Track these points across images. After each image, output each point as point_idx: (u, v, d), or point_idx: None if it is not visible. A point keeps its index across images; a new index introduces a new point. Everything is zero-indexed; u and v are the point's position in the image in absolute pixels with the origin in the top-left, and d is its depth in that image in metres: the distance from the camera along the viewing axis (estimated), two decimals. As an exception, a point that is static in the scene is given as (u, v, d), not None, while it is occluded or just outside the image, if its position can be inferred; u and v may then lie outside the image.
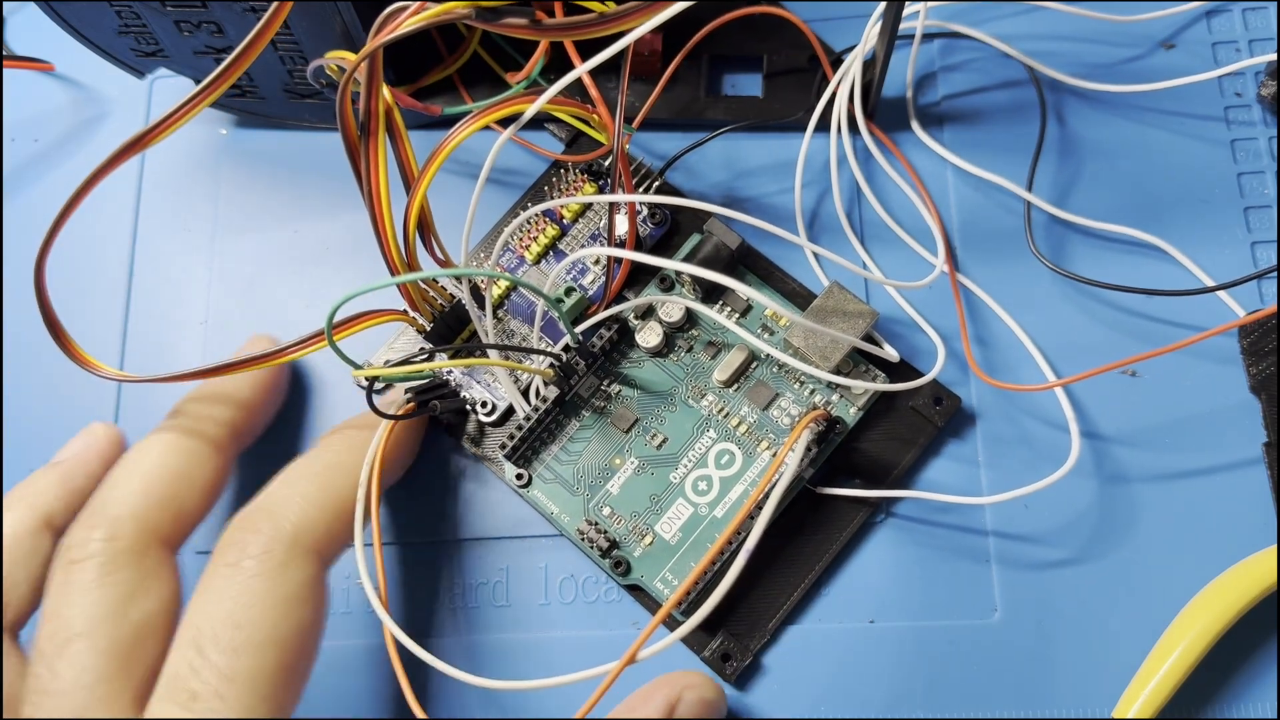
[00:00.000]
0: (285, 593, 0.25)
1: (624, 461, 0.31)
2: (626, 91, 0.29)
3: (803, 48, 0.35)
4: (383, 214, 0.26)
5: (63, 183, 0.36)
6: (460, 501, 0.31)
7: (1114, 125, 0.34)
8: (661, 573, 0.30)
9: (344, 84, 0.24)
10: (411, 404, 0.30)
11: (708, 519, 0.30)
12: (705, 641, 0.30)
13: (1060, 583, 0.30)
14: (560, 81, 0.26)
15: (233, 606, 0.24)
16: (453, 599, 0.31)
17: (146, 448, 0.28)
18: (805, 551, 0.30)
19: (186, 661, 0.24)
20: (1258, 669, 0.29)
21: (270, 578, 0.25)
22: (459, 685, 0.27)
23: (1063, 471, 0.29)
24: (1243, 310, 0.32)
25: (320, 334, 0.27)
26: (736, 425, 0.31)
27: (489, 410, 0.31)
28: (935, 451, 0.31)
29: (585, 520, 0.30)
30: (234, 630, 0.24)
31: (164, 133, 0.24)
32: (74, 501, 0.28)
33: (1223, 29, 0.35)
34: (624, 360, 0.32)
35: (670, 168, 0.34)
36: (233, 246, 0.35)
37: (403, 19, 0.23)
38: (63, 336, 0.27)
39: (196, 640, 0.24)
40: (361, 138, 0.25)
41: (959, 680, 0.29)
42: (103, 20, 0.32)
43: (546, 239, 0.33)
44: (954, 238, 0.33)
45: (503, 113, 0.27)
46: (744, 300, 0.32)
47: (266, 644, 0.24)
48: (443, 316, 0.30)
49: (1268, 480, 0.30)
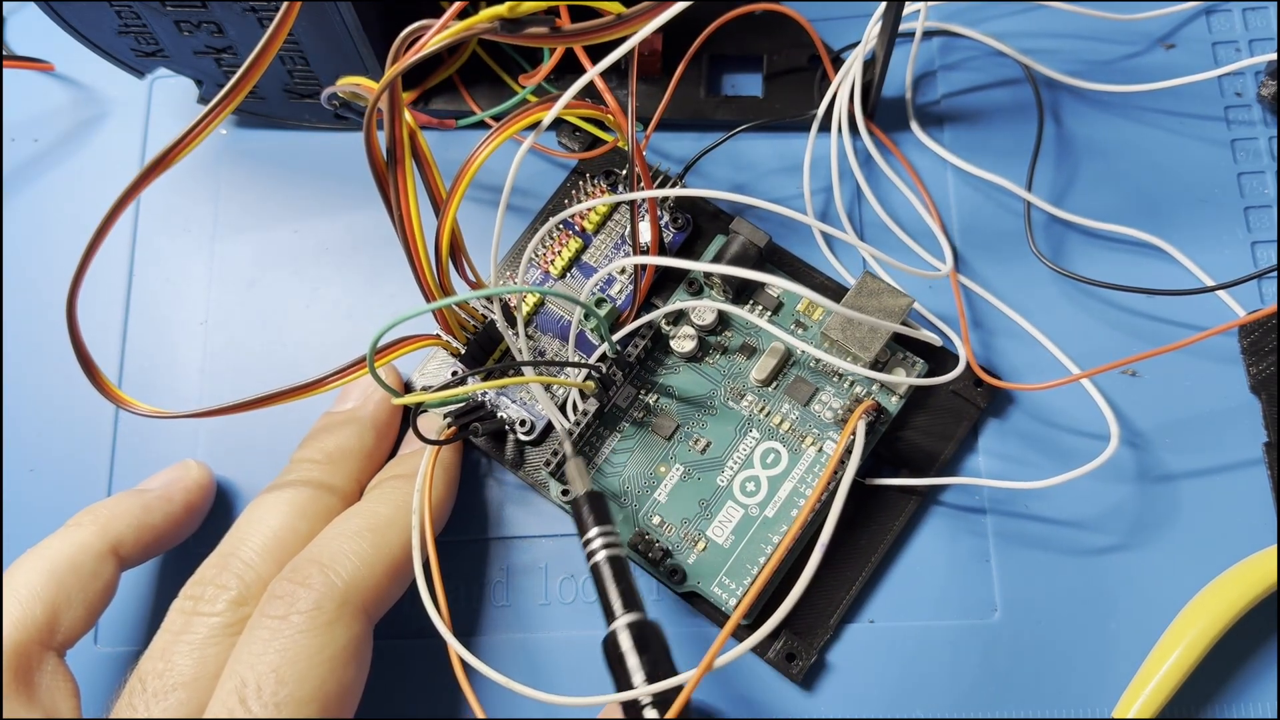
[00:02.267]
0: (332, 652, 0.25)
1: (669, 469, 0.31)
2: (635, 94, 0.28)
3: (802, 47, 0.35)
4: (416, 241, 0.26)
5: (63, 183, 0.36)
6: (460, 502, 0.31)
7: (1114, 125, 0.34)
8: (718, 578, 0.30)
9: (369, 115, 0.23)
10: (453, 428, 0.29)
11: (759, 519, 0.30)
12: (769, 644, 0.29)
13: (1060, 583, 0.30)
14: (576, 84, 0.25)
15: (278, 661, 0.24)
16: (453, 599, 0.31)
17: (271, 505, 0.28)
18: (860, 544, 0.30)
19: (228, 710, 0.24)
20: (1258, 669, 0.29)
21: (319, 634, 0.25)
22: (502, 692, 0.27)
23: (1099, 461, 0.29)
24: (1243, 310, 0.32)
25: (360, 363, 0.27)
26: (779, 423, 0.31)
27: (528, 429, 0.31)
28: (973, 437, 0.31)
29: (635, 531, 0.30)
30: (278, 685, 0.24)
31: (186, 149, 0.24)
32: (145, 536, 0.28)
33: (1222, 28, 0.35)
34: (659, 368, 0.32)
35: (688, 171, 0.33)
36: (233, 246, 0.35)
37: (428, 38, 0.22)
38: (96, 374, 0.26)
39: (240, 691, 0.24)
40: (389, 164, 0.25)
41: (959, 680, 0.29)
42: (103, 20, 0.32)
43: (570, 252, 0.33)
44: (954, 238, 0.33)
45: (525, 122, 0.26)
46: (775, 298, 0.32)
47: (310, 702, 0.24)
48: (476, 337, 0.30)
49: (1268, 480, 0.30)
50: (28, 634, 0.26)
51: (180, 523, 0.30)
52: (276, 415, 0.32)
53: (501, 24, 0.22)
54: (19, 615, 0.26)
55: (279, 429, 0.32)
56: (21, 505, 0.33)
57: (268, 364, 0.34)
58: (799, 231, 0.33)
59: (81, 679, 0.27)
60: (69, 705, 0.26)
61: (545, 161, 0.35)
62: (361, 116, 0.24)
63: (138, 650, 0.30)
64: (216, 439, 0.33)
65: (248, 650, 0.25)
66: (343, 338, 0.34)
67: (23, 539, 0.32)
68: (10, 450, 0.33)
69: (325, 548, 0.26)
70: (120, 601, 0.28)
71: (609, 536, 0.26)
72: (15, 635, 0.26)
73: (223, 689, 0.24)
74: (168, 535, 0.29)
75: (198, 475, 0.31)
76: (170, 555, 0.31)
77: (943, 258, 0.33)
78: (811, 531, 0.29)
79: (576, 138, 0.34)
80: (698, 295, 0.32)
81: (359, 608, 0.26)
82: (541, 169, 0.35)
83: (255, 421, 0.33)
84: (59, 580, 0.27)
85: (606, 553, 0.26)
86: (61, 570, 0.27)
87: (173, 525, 0.29)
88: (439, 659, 0.28)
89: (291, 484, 0.29)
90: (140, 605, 0.31)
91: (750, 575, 0.29)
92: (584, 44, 0.24)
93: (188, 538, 0.31)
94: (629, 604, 0.25)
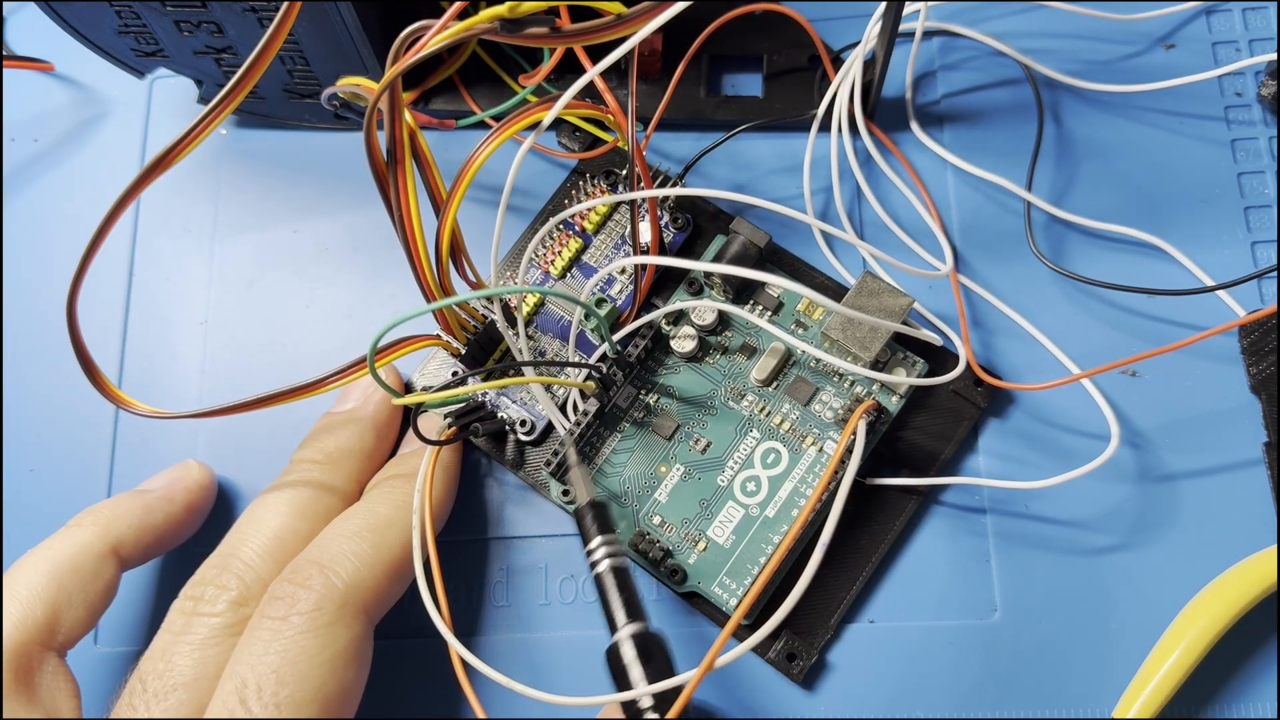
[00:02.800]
0: (333, 653, 0.25)
1: (669, 469, 0.31)
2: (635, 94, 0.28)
3: (802, 47, 0.35)
4: (416, 241, 0.26)
5: (63, 183, 0.36)
6: (460, 502, 0.31)
7: (1114, 125, 0.34)
8: (719, 577, 0.30)
9: (369, 115, 0.23)
10: (454, 429, 0.29)
11: (760, 519, 0.30)
12: (769, 644, 0.29)
13: (1060, 583, 0.30)
14: (576, 84, 0.25)
15: (279, 662, 0.24)
16: (453, 599, 0.31)
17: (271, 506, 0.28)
18: (861, 544, 0.30)
19: (229, 711, 0.24)
20: (1258, 669, 0.29)
21: (319, 635, 0.25)
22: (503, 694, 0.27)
23: (1099, 461, 0.29)
24: (1243, 310, 0.32)
25: (360, 363, 0.27)
26: (779, 423, 0.31)
27: (528, 429, 0.31)
28: (973, 437, 0.31)
29: (636, 531, 0.30)
30: (279, 686, 0.24)
31: (186, 149, 0.24)
32: (145, 536, 0.28)
33: (1223, 28, 0.35)
34: (659, 368, 0.32)
35: (688, 171, 0.33)
36: (233, 246, 0.35)
37: (428, 39, 0.22)
38: (96, 374, 0.26)
39: (240, 692, 0.24)
40: (389, 165, 0.25)
41: (959, 680, 0.29)
42: (103, 20, 0.32)
43: (570, 252, 0.33)
44: (954, 238, 0.33)
45: (525, 122, 0.26)
46: (775, 298, 0.32)
47: (310, 702, 0.24)
48: (476, 338, 0.30)
49: (1268, 480, 0.30)
50: (28, 634, 0.26)
51: (181, 523, 0.30)
52: (276, 416, 0.32)
53: (501, 24, 0.22)
54: (19, 615, 0.26)
55: (279, 430, 0.32)
56: (21, 505, 0.33)
57: (268, 364, 0.34)
58: (799, 231, 0.33)
59: (82, 679, 0.27)
60: (69, 705, 0.26)
61: (545, 161, 0.35)
62: (362, 116, 0.24)
63: (138, 650, 0.30)
64: (216, 439, 0.33)
65: (248, 651, 0.25)
66: (343, 338, 0.34)
67: (23, 539, 0.32)
68: (10, 450, 0.33)
69: (325, 549, 0.26)
70: (120, 602, 0.28)
71: (611, 546, 0.26)
72: (15, 635, 0.26)
73: (223, 689, 0.24)
74: (169, 536, 0.29)
75: (199, 476, 0.31)
76: (170, 556, 0.31)
77: (943, 258, 0.33)
78: (812, 531, 0.29)
79: (576, 138, 0.34)
80: (698, 295, 0.32)
81: (359, 608, 0.26)
82: (541, 169, 0.35)
83: (255, 422, 0.33)
84: (60, 581, 0.26)
85: (610, 562, 0.26)
86: (62, 571, 0.27)
87: (174, 526, 0.29)
88: (439, 659, 0.29)
89: (292, 484, 0.29)
90: (140, 606, 0.31)
91: (751, 575, 0.29)
92: (584, 44, 0.24)
93: (188, 538, 0.31)
94: (632, 614, 0.25)
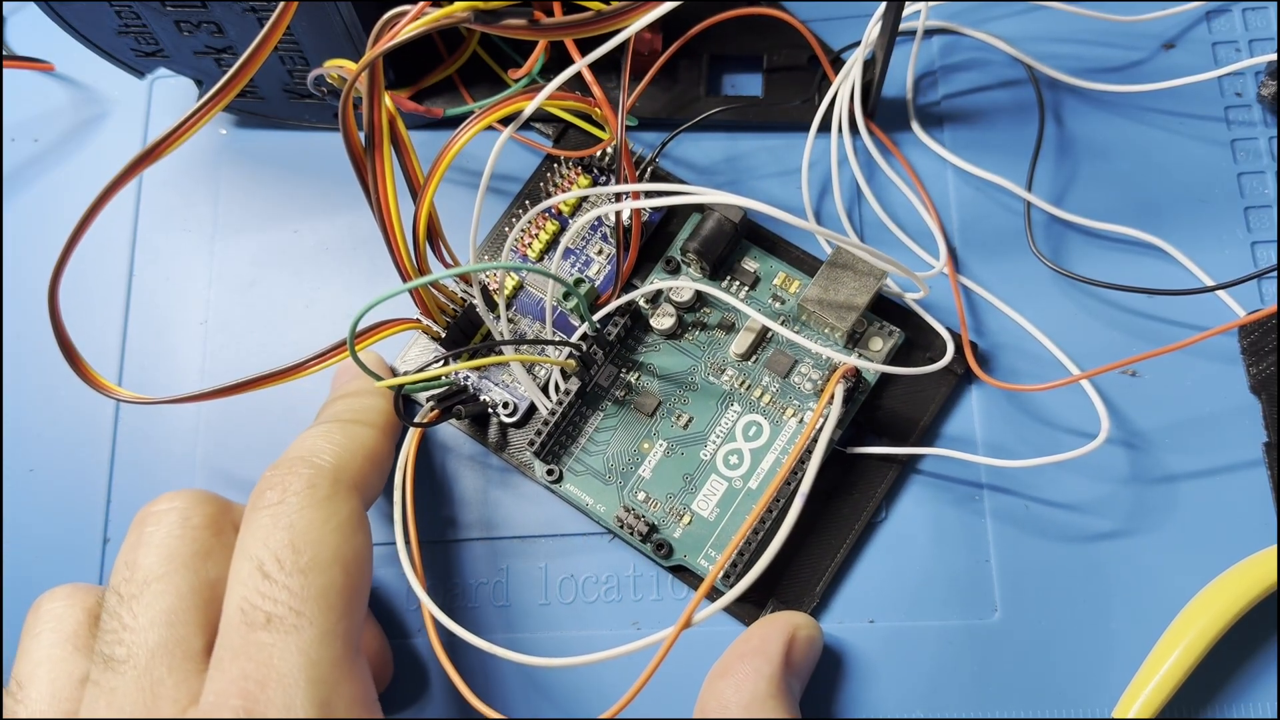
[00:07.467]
0: (338, 521, 0.25)
1: (652, 445, 0.31)
2: (627, 89, 0.29)
3: (803, 47, 0.35)
4: (392, 223, 0.26)
5: (63, 183, 0.36)
6: (460, 502, 0.31)
7: (1114, 125, 0.34)
8: (704, 550, 0.30)
9: (345, 96, 0.23)
10: (436, 411, 0.30)
11: (743, 491, 0.30)
12: (755, 613, 0.30)
13: (1060, 583, 0.30)
14: (558, 78, 0.26)
15: (289, 535, 0.24)
16: (453, 599, 0.31)
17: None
18: (843, 513, 0.30)
19: (253, 588, 0.23)
20: (1258, 669, 0.29)
21: (320, 508, 0.25)
22: (499, 669, 0.26)
23: (1091, 447, 0.29)
24: (1243, 310, 0.32)
25: (340, 346, 0.27)
26: (760, 396, 0.31)
27: (511, 411, 0.31)
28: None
29: (622, 508, 0.30)
30: (296, 554, 0.24)
31: (175, 143, 0.24)
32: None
33: (1223, 29, 0.35)
34: (640, 346, 0.32)
35: (661, 154, 0.34)
36: (232, 246, 0.35)
37: (401, 25, 0.23)
38: (76, 359, 0.26)
39: (261, 568, 0.23)
40: (366, 149, 0.25)
41: (959, 680, 0.29)
42: (103, 20, 0.32)
43: (548, 234, 0.33)
44: (954, 238, 0.33)
45: (503, 111, 0.27)
46: (752, 273, 0.32)
47: (332, 562, 0.24)
48: (456, 321, 0.30)
49: (1268, 480, 0.30)
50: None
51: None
52: (275, 416, 0.33)
53: (476, 15, 0.22)
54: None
55: (279, 430, 0.32)
56: (21, 505, 0.33)
57: (268, 364, 0.33)
58: (798, 231, 0.33)
59: None
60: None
61: (522, 146, 0.35)
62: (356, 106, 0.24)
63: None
64: (217, 440, 0.33)
65: (252, 537, 0.24)
66: (343, 338, 0.34)
67: (23, 539, 0.32)
68: (10, 450, 0.33)
69: (302, 444, 0.27)
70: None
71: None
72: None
73: (239, 571, 0.24)
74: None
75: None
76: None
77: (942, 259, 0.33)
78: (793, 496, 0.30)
79: (554, 125, 0.35)
80: (675, 274, 0.32)
81: (351, 485, 0.26)
82: (517, 151, 0.35)
83: (255, 423, 0.33)
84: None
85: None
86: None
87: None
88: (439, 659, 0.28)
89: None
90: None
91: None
92: (561, 38, 0.24)
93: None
94: None
